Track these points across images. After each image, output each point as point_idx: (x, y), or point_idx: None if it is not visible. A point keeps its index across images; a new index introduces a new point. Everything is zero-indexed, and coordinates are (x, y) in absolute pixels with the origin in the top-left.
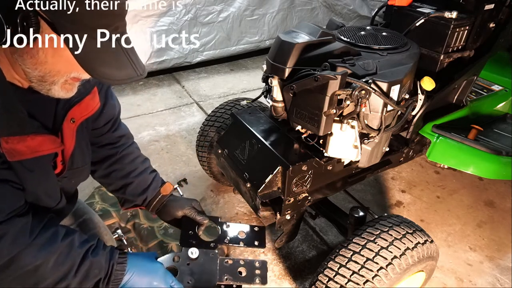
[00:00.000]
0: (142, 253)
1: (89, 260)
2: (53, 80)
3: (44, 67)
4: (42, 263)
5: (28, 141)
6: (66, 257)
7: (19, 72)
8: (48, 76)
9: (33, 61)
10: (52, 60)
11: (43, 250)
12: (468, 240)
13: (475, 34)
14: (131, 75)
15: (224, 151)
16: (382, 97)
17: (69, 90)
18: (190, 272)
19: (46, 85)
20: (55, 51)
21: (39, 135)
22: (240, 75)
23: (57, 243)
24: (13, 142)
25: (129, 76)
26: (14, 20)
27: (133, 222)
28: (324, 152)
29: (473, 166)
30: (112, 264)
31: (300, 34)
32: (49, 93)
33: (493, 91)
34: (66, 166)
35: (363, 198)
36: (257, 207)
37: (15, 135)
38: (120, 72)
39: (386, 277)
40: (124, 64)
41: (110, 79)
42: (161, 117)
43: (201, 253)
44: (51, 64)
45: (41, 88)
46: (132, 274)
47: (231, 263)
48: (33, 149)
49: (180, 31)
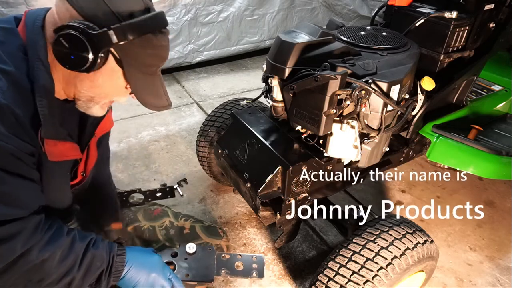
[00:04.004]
0: (139, 247)
1: (91, 252)
2: (99, 101)
3: (97, 90)
4: (48, 258)
5: (59, 146)
6: (69, 251)
7: (69, 92)
8: (97, 98)
9: (91, 84)
10: (106, 85)
11: (50, 244)
12: (468, 240)
13: (475, 34)
14: (164, 103)
15: (224, 151)
16: (382, 97)
17: (104, 109)
18: (188, 267)
19: (91, 104)
20: (111, 79)
21: (67, 142)
22: (240, 75)
23: (62, 238)
24: (50, 144)
25: (163, 104)
26: (96, 53)
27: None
28: (324, 152)
29: (473, 166)
30: (112, 255)
31: (300, 34)
32: (87, 111)
33: (493, 91)
34: (86, 177)
35: (363, 198)
36: (257, 207)
37: (52, 138)
38: (159, 101)
39: (386, 277)
40: (160, 94)
41: (153, 106)
42: (161, 117)
43: (199, 248)
44: (104, 88)
45: (84, 106)
46: (130, 266)
47: (228, 257)
48: (63, 153)
49: (180, 31)
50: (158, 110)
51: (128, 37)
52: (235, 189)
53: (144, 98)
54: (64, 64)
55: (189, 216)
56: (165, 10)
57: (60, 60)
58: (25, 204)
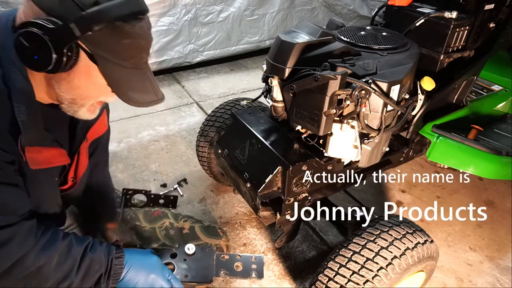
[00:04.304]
0: (138, 249)
1: (89, 256)
2: (83, 103)
3: (77, 91)
4: (45, 264)
5: (44, 152)
6: (67, 256)
7: (51, 95)
8: (79, 100)
9: (68, 86)
10: (85, 86)
11: (45, 250)
12: (468, 240)
13: (475, 34)
14: (153, 99)
15: (224, 151)
16: (382, 97)
17: (93, 112)
18: (187, 267)
19: (75, 107)
20: (89, 78)
21: (53, 148)
22: (240, 75)
23: (57, 243)
24: (34, 151)
25: (152, 99)
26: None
27: (134, 226)
28: (324, 152)
29: (473, 166)
30: (111, 259)
31: (300, 34)
32: (75, 114)
33: (493, 91)
34: (76, 183)
35: (363, 198)
36: (257, 207)
37: (36, 145)
38: (145, 96)
39: (386, 277)
40: (148, 89)
41: (137, 102)
42: (161, 117)
43: (198, 248)
44: (84, 89)
45: (69, 110)
46: (129, 268)
47: (227, 258)
48: (48, 160)
49: (180, 31)
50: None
51: (93, 28)
52: (235, 189)
53: (126, 94)
54: (29, 65)
55: (189, 217)
56: (165, 10)
57: (24, 61)
58: (12, 210)
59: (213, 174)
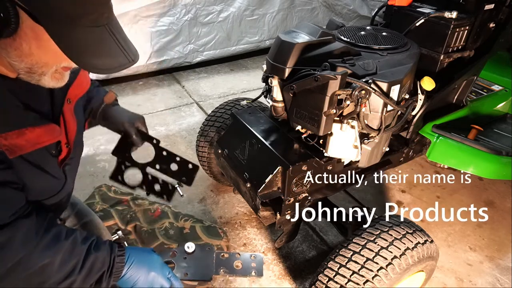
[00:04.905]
0: (139, 247)
1: (93, 255)
2: (42, 71)
3: (30, 58)
4: (48, 263)
5: (27, 134)
6: (71, 255)
7: (4, 64)
8: (36, 68)
9: (17, 53)
10: (38, 52)
11: (48, 250)
12: (468, 240)
13: (475, 34)
14: (122, 62)
15: (224, 151)
16: (382, 97)
17: (60, 79)
18: (187, 266)
19: (35, 76)
20: (39, 42)
21: (37, 127)
22: (240, 75)
23: (61, 241)
24: (12, 137)
25: (120, 64)
26: None
27: (134, 224)
28: (324, 152)
29: (473, 166)
30: (113, 257)
31: (300, 34)
32: (39, 83)
33: (493, 91)
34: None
35: (363, 198)
36: (257, 207)
37: (13, 130)
38: (111, 61)
39: (386, 277)
40: (114, 51)
41: (101, 68)
42: (161, 117)
43: (197, 247)
44: (38, 55)
45: (30, 79)
46: (130, 265)
47: (227, 256)
48: (33, 141)
49: (180, 31)
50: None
51: None
52: (235, 189)
53: (85, 60)
54: None
55: (189, 216)
56: (165, 10)
57: None
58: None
59: (213, 174)
